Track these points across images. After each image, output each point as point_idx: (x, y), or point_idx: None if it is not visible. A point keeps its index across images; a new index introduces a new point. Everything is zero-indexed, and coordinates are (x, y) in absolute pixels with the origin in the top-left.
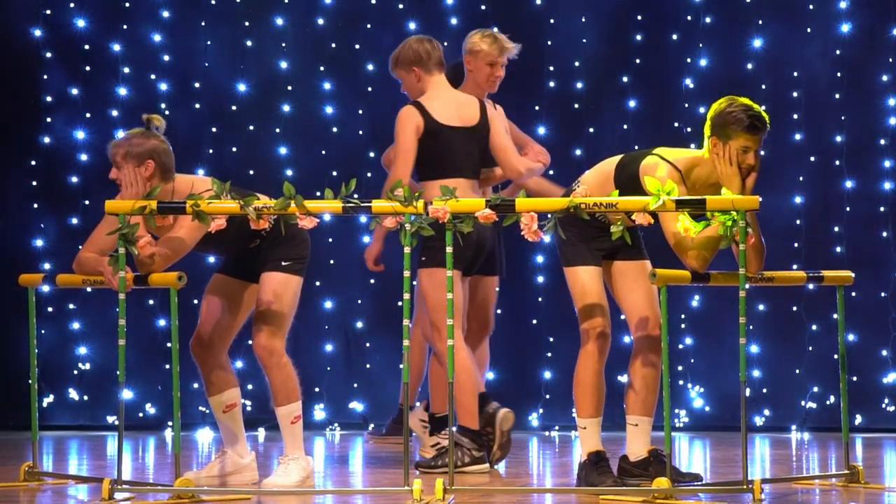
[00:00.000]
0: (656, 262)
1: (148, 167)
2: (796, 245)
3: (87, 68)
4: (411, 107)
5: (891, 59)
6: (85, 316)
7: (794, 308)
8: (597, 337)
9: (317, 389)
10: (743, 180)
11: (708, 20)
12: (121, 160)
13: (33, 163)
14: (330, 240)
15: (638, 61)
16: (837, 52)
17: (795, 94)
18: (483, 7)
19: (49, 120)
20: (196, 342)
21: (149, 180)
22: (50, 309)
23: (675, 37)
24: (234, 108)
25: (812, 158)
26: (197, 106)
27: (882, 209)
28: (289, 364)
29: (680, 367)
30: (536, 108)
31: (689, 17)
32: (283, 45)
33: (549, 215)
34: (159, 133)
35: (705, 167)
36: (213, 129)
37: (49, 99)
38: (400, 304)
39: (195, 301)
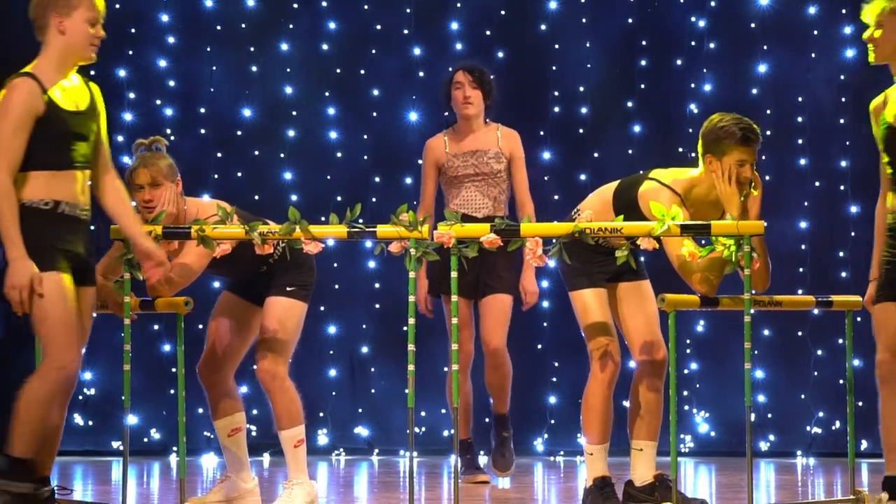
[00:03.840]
0: (661, 287)
1: (179, 183)
2: (801, 270)
3: None
4: None
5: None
6: (90, 341)
7: (800, 333)
8: (606, 360)
9: (321, 414)
10: (743, 197)
11: (712, 45)
12: (162, 179)
13: None
14: (335, 265)
15: (643, 86)
16: (842, 76)
17: (800, 119)
18: (488, 32)
19: None
20: (204, 366)
21: (179, 196)
22: None
23: (679, 62)
24: (239, 133)
25: (817, 183)
26: (202, 131)
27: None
28: (291, 388)
29: (685, 392)
30: (541, 133)
31: (693, 43)
32: (288, 69)
33: (554, 240)
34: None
35: (703, 185)
36: (219, 155)
37: None
38: (405, 328)
39: (200, 326)
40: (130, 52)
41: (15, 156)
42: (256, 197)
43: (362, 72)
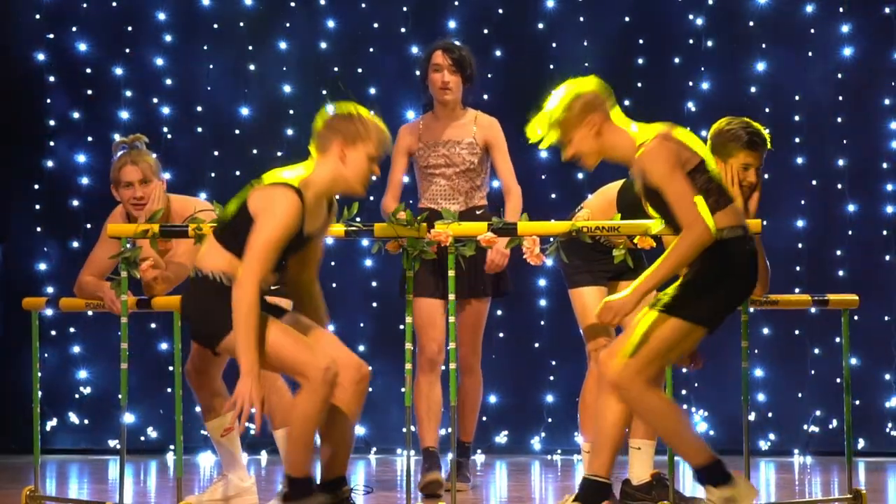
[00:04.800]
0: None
1: (164, 181)
2: (798, 269)
3: (90, 92)
4: None
5: (893, 83)
6: (86, 339)
7: (797, 332)
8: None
9: None
10: (745, 200)
11: (710, 44)
12: (151, 176)
13: (36, 186)
14: (332, 263)
15: (640, 85)
16: (839, 75)
17: (797, 118)
18: (486, 31)
19: (52, 144)
20: (191, 368)
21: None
22: (52, 332)
23: (677, 60)
24: (236, 131)
25: (814, 182)
26: (199, 130)
27: (884, 233)
28: (283, 387)
29: (683, 391)
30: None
31: (691, 41)
32: (285, 68)
33: (552, 239)
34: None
35: None
36: (216, 153)
37: (52, 123)
38: (402, 327)
39: None
40: (127, 51)
41: (269, 268)
42: None
43: (360, 70)
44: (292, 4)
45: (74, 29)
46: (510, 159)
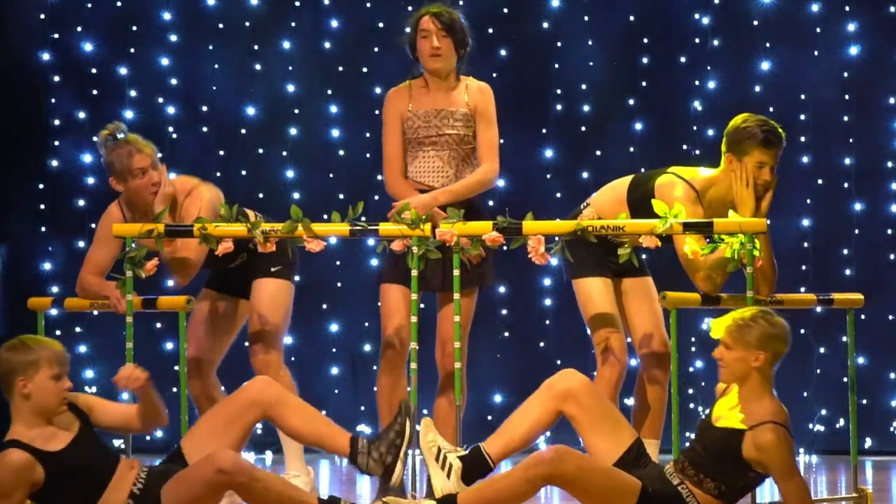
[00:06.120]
0: (664, 285)
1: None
2: (804, 268)
3: (95, 92)
4: None
5: None
6: (92, 339)
7: (803, 331)
8: (611, 357)
9: (323, 412)
10: (758, 200)
11: (716, 43)
12: (157, 160)
13: (41, 186)
14: (337, 262)
15: (645, 84)
16: (845, 74)
17: (803, 117)
18: (490, 30)
19: (56, 143)
20: (189, 374)
21: None
22: (57, 332)
23: (682, 59)
24: (242, 131)
25: (820, 181)
26: (204, 129)
27: (890, 232)
28: (287, 377)
29: (690, 391)
30: (543, 130)
31: (696, 40)
32: (290, 68)
33: (556, 238)
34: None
35: (721, 186)
36: (221, 153)
37: (56, 122)
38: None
39: None
40: (132, 50)
41: None
42: (260, 195)
43: (364, 70)
44: (297, 4)
45: (79, 29)
46: (497, 134)
